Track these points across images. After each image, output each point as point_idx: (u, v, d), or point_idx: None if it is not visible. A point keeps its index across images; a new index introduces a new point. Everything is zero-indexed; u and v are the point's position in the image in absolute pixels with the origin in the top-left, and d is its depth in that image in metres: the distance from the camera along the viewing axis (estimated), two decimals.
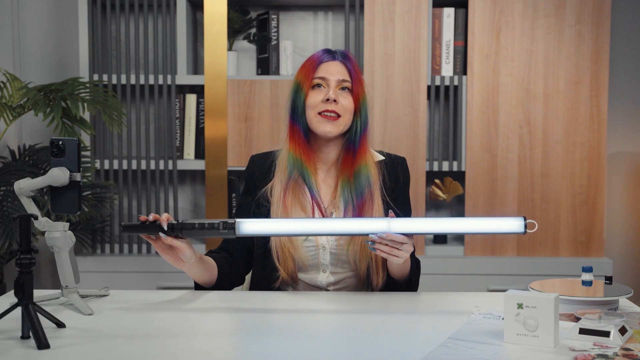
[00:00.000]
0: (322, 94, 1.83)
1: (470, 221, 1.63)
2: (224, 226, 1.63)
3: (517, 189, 3.15)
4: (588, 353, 1.30)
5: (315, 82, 1.84)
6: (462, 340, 1.38)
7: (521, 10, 3.12)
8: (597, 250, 3.16)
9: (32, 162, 3.04)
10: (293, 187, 1.84)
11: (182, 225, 1.64)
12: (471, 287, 3.09)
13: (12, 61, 3.38)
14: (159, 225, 1.64)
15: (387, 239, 1.61)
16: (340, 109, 1.83)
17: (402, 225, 1.61)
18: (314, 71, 1.85)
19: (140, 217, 1.65)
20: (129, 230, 1.66)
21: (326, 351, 1.36)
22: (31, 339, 1.36)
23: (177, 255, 1.70)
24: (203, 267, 1.79)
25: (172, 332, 1.46)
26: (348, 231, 1.67)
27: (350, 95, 1.85)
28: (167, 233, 1.64)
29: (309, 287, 1.88)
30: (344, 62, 1.86)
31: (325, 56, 1.87)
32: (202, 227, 1.63)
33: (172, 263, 1.71)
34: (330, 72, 1.84)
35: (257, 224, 1.66)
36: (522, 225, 1.58)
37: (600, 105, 3.13)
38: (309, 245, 1.84)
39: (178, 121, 3.27)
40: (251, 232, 1.65)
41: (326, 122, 1.82)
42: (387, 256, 1.64)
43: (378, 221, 1.63)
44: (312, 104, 1.83)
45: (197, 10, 3.41)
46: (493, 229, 1.63)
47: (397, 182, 1.92)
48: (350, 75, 1.85)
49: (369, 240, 1.63)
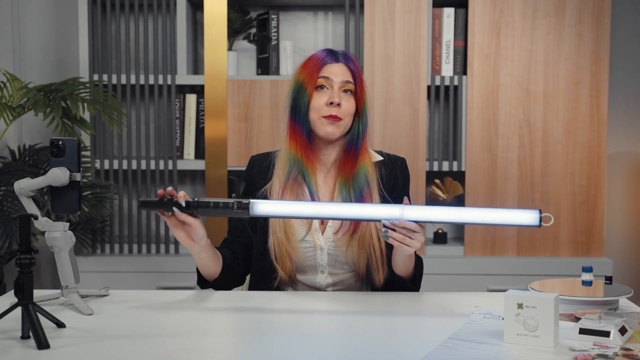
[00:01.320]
0: (325, 96, 1.83)
1: (484, 212, 1.56)
2: (239, 205, 1.63)
3: (517, 189, 3.15)
4: (588, 353, 1.30)
5: (319, 82, 1.84)
6: (462, 340, 1.38)
7: (521, 10, 3.12)
8: (597, 250, 3.16)
9: (32, 162, 3.04)
10: (292, 186, 1.84)
11: (198, 203, 1.65)
12: (471, 287, 3.09)
13: (12, 61, 3.38)
14: (176, 201, 1.65)
15: (399, 226, 1.59)
16: (343, 112, 1.83)
17: (415, 213, 1.58)
18: (318, 72, 1.84)
19: (159, 192, 1.66)
20: (146, 206, 1.67)
21: (326, 351, 1.36)
22: (31, 339, 1.36)
23: (189, 234, 1.71)
24: (211, 254, 1.79)
25: (172, 332, 1.46)
26: (361, 216, 1.63)
27: (352, 97, 1.85)
28: (182, 209, 1.65)
29: (308, 288, 1.88)
30: (347, 64, 1.86)
31: (328, 58, 1.86)
32: (217, 205, 1.64)
33: (183, 242, 1.71)
34: (334, 74, 1.84)
35: (270, 205, 1.65)
36: (537, 218, 1.50)
37: (600, 105, 3.13)
38: (306, 246, 1.84)
39: (178, 121, 3.27)
40: (265, 212, 1.64)
41: (328, 124, 1.82)
42: (398, 245, 1.61)
43: (391, 207, 1.60)
44: (315, 107, 1.83)
45: (197, 10, 3.41)
46: (508, 221, 1.55)
47: (396, 183, 1.92)
48: (353, 77, 1.86)
49: (382, 227, 1.61)
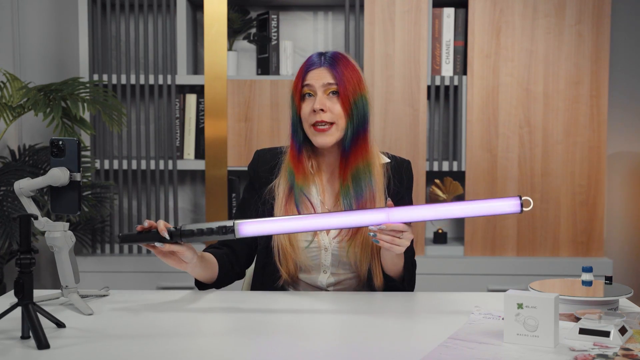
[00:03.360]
0: (311, 103, 1.81)
1: (467, 205, 1.61)
2: (224, 230, 1.61)
3: (517, 189, 3.15)
4: (588, 353, 1.30)
5: (304, 91, 1.82)
6: (462, 340, 1.38)
7: (521, 10, 3.12)
8: (597, 250, 3.16)
9: (32, 162, 3.04)
10: (294, 195, 1.84)
11: (181, 233, 1.62)
12: (471, 287, 3.09)
13: (12, 61, 3.38)
14: (156, 233, 1.62)
15: (387, 229, 1.60)
16: (331, 116, 1.79)
17: (401, 214, 1.60)
18: (301, 81, 1.82)
19: (137, 227, 1.63)
20: (127, 241, 1.65)
21: (326, 351, 1.36)
22: (31, 339, 1.36)
23: (179, 258, 1.69)
24: (205, 265, 1.79)
25: (172, 332, 1.46)
26: (346, 224, 1.64)
27: (338, 98, 1.81)
28: (165, 241, 1.62)
29: (310, 287, 1.88)
30: (329, 67, 1.81)
31: (311, 64, 1.83)
32: (201, 232, 1.61)
33: (174, 266, 1.70)
34: (315, 79, 1.81)
35: (255, 224, 1.64)
36: (518, 204, 1.57)
37: (600, 105, 3.13)
38: (311, 246, 1.84)
39: (178, 121, 3.27)
40: (250, 233, 1.64)
41: (318, 135, 1.80)
42: (389, 246, 1.63)
43: (376, 212, 1.61)
44: (304, 116, 1.81)
45: (197, 10, 3.41)
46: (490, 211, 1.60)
47: (402, 186, 1.91)
48: (335, 78, 1.80)
49: (370, 232, 1.63)
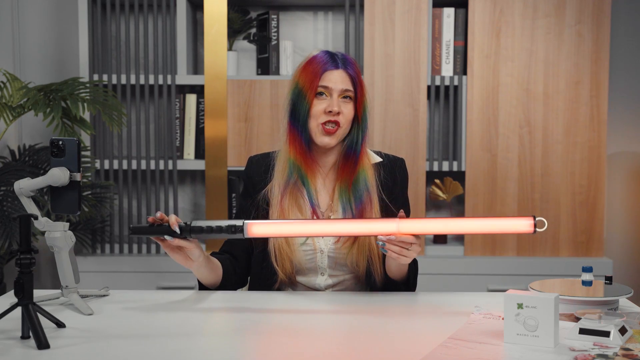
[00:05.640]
0: (324, 103, 1.82)
1: (480, 222, 1.63)
2: (233, 229, 1.62)
3: (517, 189, 3.15)
4: (588, 353, 1.30)
5: (319, 90, 1.82)
6: (462, 340, 1.38)
7: (521, 10, 3.12)
8: (597, 250, 3.16)
9: (32, 162, 3.04)
10: (291, 190, 1.84)
11: (191, 229, 1.64)
12: (471, 287, 3.09)
13: (12, 61, 3.38)
14: (167, 227, 1.63)
15: (396, 240, 1.61)
16: (341, 119, 1.82)
17: (411, 227, 1.62)
18: (318, 80, 1.82)
19: (149, 219, 1.64)
20: (137, 232, 1.66)
21: (326, 351, 1.36)
22: (31, 339, 1.36)
23: (186, 254, 1.70)
24: (210, 267, 1.80)
25: (172, 332, 1.46)
26: (356, 232, 1.67)
27: (352, 103, 1.83)
28: (175, 235, 1.64)
29: (307, 289, 1.88)
30: (346, 70, 1.84)
31: (329, 64, 1.84)
32: (211, 229, 1.63)
33: (181, 262, 1.71)
34: (334, 82, 1.82)
35: (264, 226, 1.65)
36: (532, 225, 1.56)
37: (600, 105, 3.13)
38: (306, 249, 1.84)
39: (178, 121, 3.27)
40: (259, 233, 1.64)
41: (325, 135, 1.81)
42: (396, 257, 1.64)
43: (386, 222, 1.62)
44: (315, 114, 1.82)
45: (197, 10, 3.41)
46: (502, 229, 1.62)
47: (395, 184, 1.91)
48: (353, 84, 1.84)
49: (379, 242, 1.63)
